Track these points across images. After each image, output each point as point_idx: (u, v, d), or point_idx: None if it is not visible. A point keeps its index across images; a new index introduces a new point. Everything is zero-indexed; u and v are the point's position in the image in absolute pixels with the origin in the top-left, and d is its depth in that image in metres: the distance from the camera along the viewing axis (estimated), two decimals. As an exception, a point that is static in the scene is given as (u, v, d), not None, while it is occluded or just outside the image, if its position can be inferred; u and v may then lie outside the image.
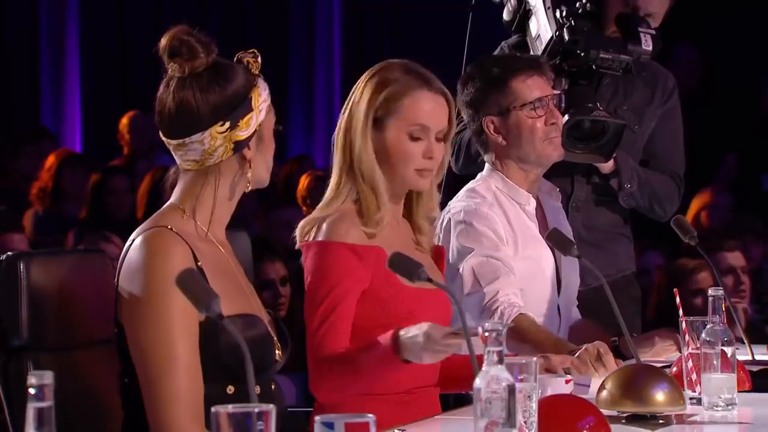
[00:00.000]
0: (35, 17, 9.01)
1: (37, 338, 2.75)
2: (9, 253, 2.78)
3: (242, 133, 2.66)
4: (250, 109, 2.66)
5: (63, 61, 9.02)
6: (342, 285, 2.98)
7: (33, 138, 7.74)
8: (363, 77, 3.09)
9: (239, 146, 2.66)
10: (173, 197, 2.71)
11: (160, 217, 2.67)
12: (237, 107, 2.65)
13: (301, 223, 3.10)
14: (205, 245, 2.66)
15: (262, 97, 2.68)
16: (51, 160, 7.06)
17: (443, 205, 3.65)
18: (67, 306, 2.76)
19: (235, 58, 2.70)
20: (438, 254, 3.24)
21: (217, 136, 2.64)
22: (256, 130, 2.67)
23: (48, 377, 1.79)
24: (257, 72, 2.69)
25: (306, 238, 3.06)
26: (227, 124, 2.64)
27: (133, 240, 2.64)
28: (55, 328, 2.76)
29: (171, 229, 2.63)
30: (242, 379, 2.51)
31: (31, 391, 1.79)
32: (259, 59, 2.70)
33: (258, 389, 2.55)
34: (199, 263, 2.60)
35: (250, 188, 2.70)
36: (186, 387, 2.54)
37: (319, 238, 3.03)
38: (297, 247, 3.09)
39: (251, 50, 2.71)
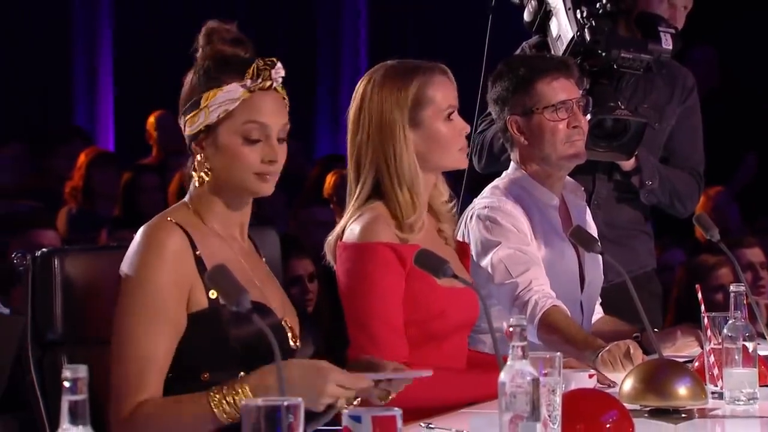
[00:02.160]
0: (68, 19, 9.04)
1: (71, 332, 2.75)
2: (44, 249, 2.78)
3: (188, 129, 2.66)
4: (197, 107, 2.64)
5: (96, 62, 9.04)
6: (384, 285, 2.97)
7: (66, 138, 7.77)
8: (367, 89, 3.04)
9: (189, 141, 2.67)
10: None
11: (166, 212, 2.69)
12: (188, 103, 2.65)
13: (329, 238, 3.09)
14: (210, 238, 2.66)
15: (218, 100, 2.63)
16: (81, 159, 7.08)
17: (467, 203, 3.64)
18: (100, 300, 2.75)
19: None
20: (463, 251, 3.23)
21: (184, 129, 2.68)
22: (201, 129, 2.64)
23: (82, 371, 1.78)
24: (249, 77, 2.63)
25: (337, 244, 3.05)
26: (183, 119, 2.67)
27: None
28: (88, 322, 2.76)
29: (170, 220, 2.63)
30: (255, 367, 2.51)
31: (66, 384, 1.79)
32: (272, 71, 2.63)
33: None
34: (197, 252, 2.60)
35: (199, 186, 2.66)
36: (141, 356, 2.52)
37: (353, 240, 3.01)
38: (329, 261, 3.09)
39: (270, 59, 2.66)
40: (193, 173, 2.67)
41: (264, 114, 2.64)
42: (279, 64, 2.66)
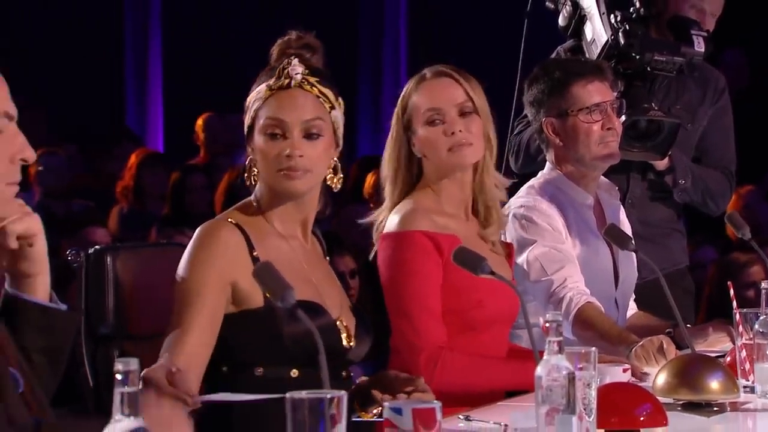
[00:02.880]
0: (120, 25, 9.10)
1: (122, 327, 2.77)
2: (96, 247, 2.80)
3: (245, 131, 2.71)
4: (246, 107, 2.69)
5: (146, 66, 9.10)
6: (423, 271, 2.99)
7: (118, 139, 7.83)
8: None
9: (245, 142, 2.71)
10: None
11: (229, 210, 2.70)
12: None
13: (376, 215, 3.12)
14: (270, 237, 2.67)
15: (251, 101, 2.68)
16: (132, 160, 7.13)
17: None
18: (150, 296, 2.78)
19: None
20: (507, 252, 3.25)
21: None
22: (247, 131, 2.69)
23: (134, 363, 1.79)
24: (275, 77, 2.66)
25: (380, 230, 3.08)
26: None
27: None
28: (139, 317, 2.78)
29: (230, 221, 2.64)
30: (306, 364, 2.51)
31: (118, 377, 1.80)
32: (288, 69, 2.65)
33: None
34: (254, 253, 2.61)
35: (256, 185, 2.68)
36: (174, 344, 2.53)
37: (392, 230, 3.04)
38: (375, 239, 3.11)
39: (290, 58, 2.68)
40: (253, 172, 2.69)
41: (281, 110, 2.65)
42: (295, 61, 2.66)
